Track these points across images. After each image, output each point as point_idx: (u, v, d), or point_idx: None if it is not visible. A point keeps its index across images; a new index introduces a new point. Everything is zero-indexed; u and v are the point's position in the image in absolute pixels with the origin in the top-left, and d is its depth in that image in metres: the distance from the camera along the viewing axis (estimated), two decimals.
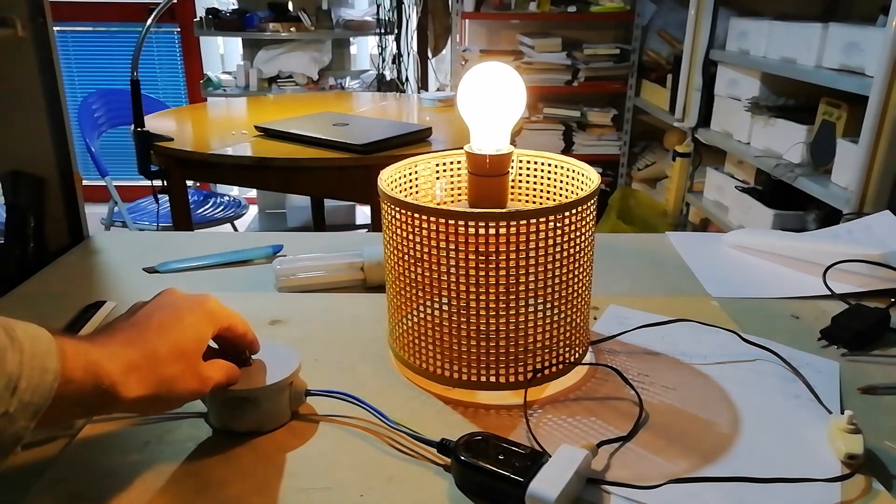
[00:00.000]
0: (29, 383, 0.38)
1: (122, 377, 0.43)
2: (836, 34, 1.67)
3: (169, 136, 1.52)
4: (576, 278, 0.58)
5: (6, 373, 0.37)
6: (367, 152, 1.42)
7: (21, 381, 0.37)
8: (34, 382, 0.38)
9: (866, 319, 0.70)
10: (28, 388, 0.38)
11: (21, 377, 0.37)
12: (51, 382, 0.39)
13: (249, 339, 0.54)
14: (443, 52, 3.07)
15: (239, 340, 0.54)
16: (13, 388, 0.37)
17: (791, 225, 1.88)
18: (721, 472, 0.50)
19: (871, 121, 1.46)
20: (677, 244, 0.95)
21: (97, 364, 0.42)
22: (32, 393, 0.38)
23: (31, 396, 0.38)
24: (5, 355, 0.37)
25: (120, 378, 0.43)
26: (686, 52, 2.38)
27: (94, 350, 0.43)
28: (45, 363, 0.39)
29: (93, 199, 2.31)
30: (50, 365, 0.39)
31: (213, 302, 0.52)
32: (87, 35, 3.49)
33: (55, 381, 0.39)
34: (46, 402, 0.38)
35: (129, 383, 0.43)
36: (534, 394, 0.59)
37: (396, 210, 0.57)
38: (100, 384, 0.42)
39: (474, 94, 0.60)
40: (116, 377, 0.43)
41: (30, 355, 0.38)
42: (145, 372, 0.45)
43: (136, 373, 0.44)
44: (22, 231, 0.86)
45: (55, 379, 0.39)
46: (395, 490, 0.49)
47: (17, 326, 0.39)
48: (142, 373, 0.44)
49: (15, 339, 0.38)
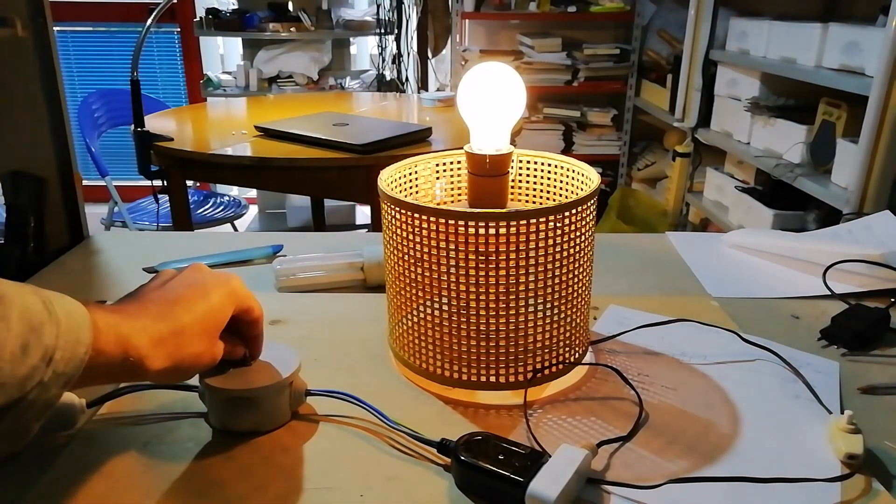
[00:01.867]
0: (63, 355, 0.40)
1: (150, 351, 0.45)
2: (836, 34, 1.67)
3: (169, 136, 1.52)
4: (576, 278, 0.58)
5: (43, 344, 0.39)
6: (367, 152, 1.42)
7: (56, 352, 0.40)
8: (68, 354, 0.40)
9: (866, 319, 0.70)
10: (62, 360, 0.40)
11: (56, 349, 0.40)
12: (83, 354, 0.41)
13: (258, 328, 0.55)
14: (443, 52, 3.07)
15: (250, 325, 0.55)
16: (49, 359, 0.39)
17: (791, 225, 1.88)
18: (721, 472, 0.50)
19: (871, 121, 1.46)
20: (677, 244, 0.95)
21: (127, 338, 0.44)
22: (66, 364, 0.40)
23: (65, 367, 0.40)
24: (43, 328, 0.39)
25: (148, 352, 0.45)
26: (686, 52, 2.38)
27: (125, 323, 0.45)
28: (80, 336, 0.41)
29: (93, 199, 2.32)
30: (83, 338, 0.41)
31: (237, 281, 0.54)
32: (87, 35, 3.49)
33: (87, 353, 0.41)
34: (78, 372, 0.41)
35: (156, 356, 0.46)
36: (534, 394, 0.59)
37: (396, 210, 0.57)
38: (128, 356, 0.44)
39: (474, 94, 0.60)
40: (144, 351, 0.45)
41: (66, 328, 0.40)
42: (171, 347, 0.47)
43: (162, 347, 0.46)
44: (22, 231, 0.86)
45: (87, 351, 0.41)
46: (395, 490, 0.49)
47: (55, 300, 0.41)
48: (168, 348, 0.47)
49: (52, 313, 0.40)
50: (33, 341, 0.39)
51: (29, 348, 0.38)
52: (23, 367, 0.38)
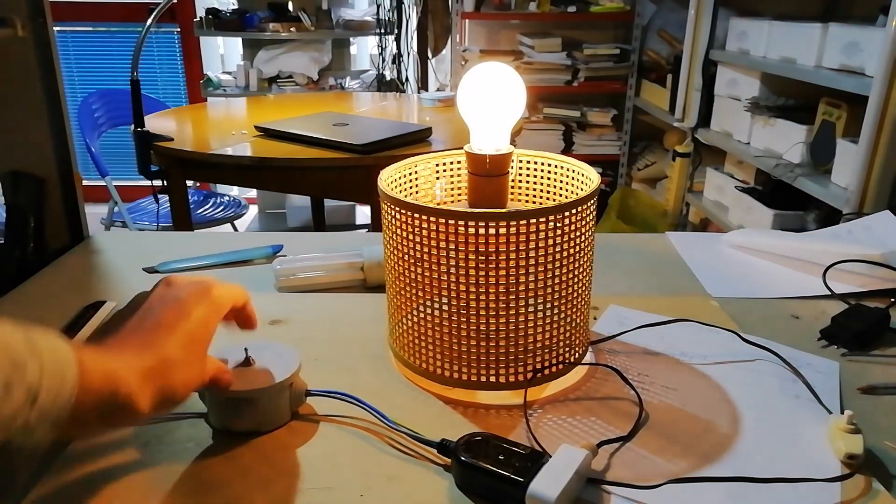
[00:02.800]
0: (48, 394, 0.37)
1: (139, 388, 0.43)
2: (836, 34, 1.67)
3: (169, 136, 1.52)
4: (576, 278, 0.58)
5: (26, 383, 0.37)
6: (367, 152, 1.42)
7: (41, 391, 0.37)
8: (53, 393, 0.38)
9: (866, 319, 0.70)
10: (48, 399, 0.37)
11: (41, 388, 0.37)
12: (69, 391, 0.39)
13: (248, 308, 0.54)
14: (443, 52, 3.07)
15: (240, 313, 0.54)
16: (33, 398, 0.37)
17: (791, 225, 1.88)
18: (721, 472, 0.50)
19: (871, 121, 1.46)
20: (677, 244, 0.95)
21: (115, 375, 0.42)
22: (52, 403, 0.38)
23: (51, 407, 0.38)
24: (26, 366, 0.37)
25: (137, 389, 0.43)
26: (686, 52, 2.38)
27: (110, 360, 0.43)
28: (65, 373, 0.39)
29: (93, 199, 2.32)
30: (69, 374, 0.39)
31: (216, 289, 0.51)
32: (87, 35, 3.49)
33: (73, 391, 0.39)
34: (64, 411, 0.38)
35: (145, 392, 0.44)
36: (534, 394, 0.59)
37: (396, 210, 0.57)
38: (116, 394, 0.42)
39: (474, 94, 0.60)
40: (133, 387, 0.43)
41: (50, 365, 0.38)
42: (159, 380, 0.45)
43: (151, 382, 0.44)
44: (22, 231, 0.86)
45: (73, 388, 0.39)
46: (395, 490, 0.49)
47: (37, 336, 0.39)
48: (156, 381, 0.44)
49: (35, 349, 0.38)
50: (16, 380, 0.36)
51: (11, 387, 0.36)
52: (5, 407, 0.35)
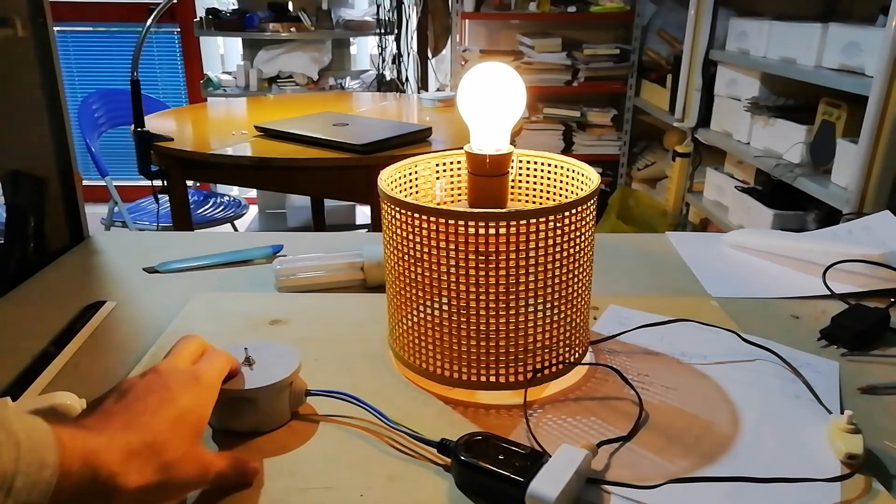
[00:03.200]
0: (26, 481, 0.34)
1: (121, 466, 0.40)
2: (836, 34, 1.67)
3: (169, 136, 1.52)
4: (576, 278, 0.58)
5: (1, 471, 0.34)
6: (367, 152, 1.42)
7: (17, 479, 0.34)
8: (31, 479, 0.35)
9: (866, 319, 0.70)
10: (25, 487, 0.34)
11: (17, 475, 0.34)
12: (48, 478, 0.35)
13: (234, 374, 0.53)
14: (443, 52, 3.07)
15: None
16: (8, 487, 0.34)
17: (791, 225, 1.88)
18: (721, 472, 0.50)
19: (871, 121, 1.46)
20: (677, 244, 0.95)
21: (95, 454, 0.39)
22: (29, 492, 0.35)
23: (28, 495, 0.35)
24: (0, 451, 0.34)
25: (119, 468, 0.39)
26: (686, 52, 2.38)
27: (91, 438, 0.39)
28: (44, 457, 0.36)
29: (93, 199, 2.32)
30: (48, 459, 0.36)
31: (205, 375, 0.48)
32: (87, 35, 3.49)
33: (53, 476, 0.36)
34: (44, 499, 0.35)
35: (129, 473, 0.40)
36: (534, 394, 0.59)
37: (396, 210, 0.57)
38: (97, 475, 0.38)
39: (474, 94, 0.60)
40: (115, 467, 0.39)
41: (27, 450, 0.35)
42: (145, 458, 0.41)
43: (135, 460, 0.40)
44: (22, 231, 0.86)
45: (53, 474, 0.36)
46: (395, 490, 0.49)
47: (13, 419, 0.36)
48: (141, 459, 0.41)
49: (11, 433, 0.35)
50: None
51: None
52: None
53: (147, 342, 0.68)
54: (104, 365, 0.65)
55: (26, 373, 0.62)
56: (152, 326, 0.72)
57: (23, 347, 0.67)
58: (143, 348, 0.67)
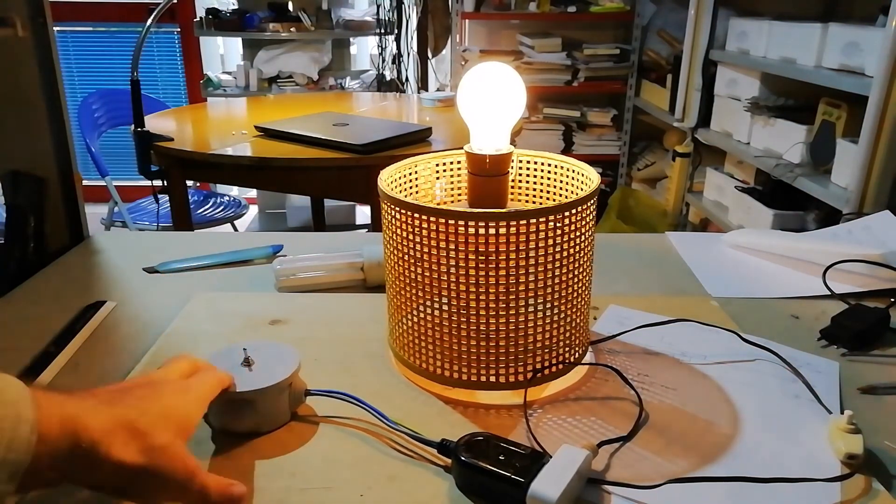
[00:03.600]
0: (2, 437, 0.32)
1: (105, 436, 0.36)
2: (836, 34, 1.67)
3: (169, 136, 1.52)
4: (576, 278, 0.58)
5: None
6: (367, 152, 1.42)
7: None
8: (7, 436, 0.32)
9: (866, 319, 0.70)
10: (1, 444, 0.31)
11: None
12: (28, 434, 0.32)
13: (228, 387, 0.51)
14: (443, 52, 3.07)
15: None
16: None
17: (791, 225, 1.88)
18: (721, 472, 0.50)
19: (871, 121, 1.46)
20: (677, 244, 0.95)
21: (76, 419, 0.35)
22: (7, 448, 0.32)
23: (6, 452, 0.32)
24: None
25: (102, 437, 0.35)
26: (686, 52, 2.38)
27: (70, 403, 0.36)
28: (19, 411, 0.32)
29: (93, 199, 2.31)
30: (24, 413, 0.33)
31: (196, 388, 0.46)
32: (87, 35, 3.49)
33: (33, 433, 0.32)
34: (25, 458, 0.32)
35: (113, 444, 0.36)
36: (534, 394, 0.59)
37: (396, 210, 0.57)
38: (78, 443, 0.35)
39: (474, 94, 0.60)
40: (97, 435, 0.35)
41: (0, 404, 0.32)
42: (129, 435, 0.37)
43: (119, 433, 0.37)
44: (22, 231, 0.86)
45: (32, 431, 0.32)
46: (395, 490, 0.49)
47: None
48: (126, 434, 0.37)
49: None
50: None
51: None
52: None
53: (147, 342, 0.68)
54: (104, 365, 0.65)
55: (26, 373, 0.62)
56: (152, 326, 0.72)
57: (23, 347, 0.67)
58: (143, 348, 0.67)
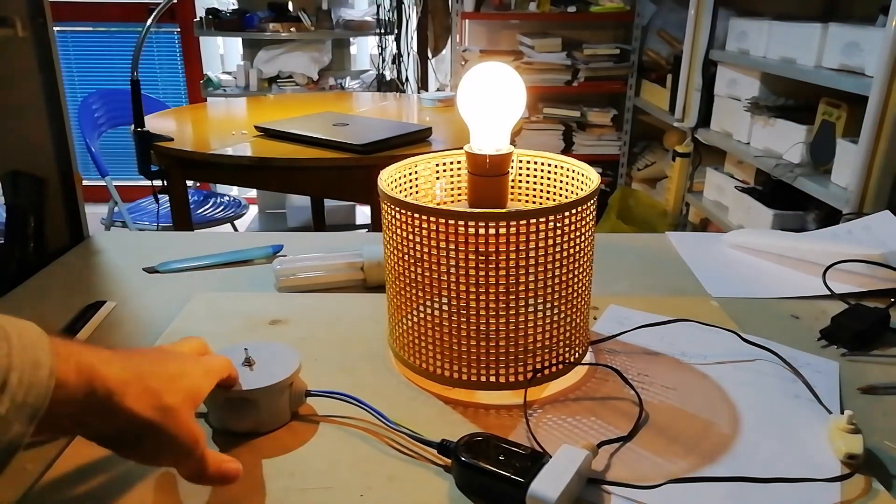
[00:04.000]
0: (21, 378, 0.32)
1: (120, 385, 0.37)
2: (836, 34, 1.67)
3: (169, 136, 1.52)
4: (576, 278, 0.58)
5: None
6: (367, 152, 1.42)
7: (11, 375, 0.31)
8: (27, 379, 0.32)
9: (866, 319, 0.70)
10: (21, 385, 0.32)
11: (11, 370, 0.31)
12: (46, 380, 0.33)
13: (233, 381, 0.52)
14: (443, 52, 3.07)
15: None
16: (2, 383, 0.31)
17: (791, 225, 1.88)
18: (721, 472, 0.50)
19: (871, 121, 1.46)
20: (677, 244, 0.95)
21: (92, 367, 0.36)
22: (27, 391, 0.32)
23: (26, 396, 0.32)
24: None
25: (117, 386, 0.36)
26: (686, 52, 2.38)
27: (86, 353, 0.36)
28: (38, 357, 0.33)
29: (93, 199, 2.31)
30: (43, 358, 0.33)
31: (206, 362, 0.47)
32: (87, 35, 3.49)
33: (51, 378, 0.33)
34: (44, 402, 0.33)
35: (127, 395, 0.37)
36: (534, 394, 0.59)
37: (396, 210, 0.57)
38: (94, 391, 0.35)
39: (474, 94, 0.60)
40: (113, 384, 0.36)
41: (19, 348, 0.32)
42: (142, 390, 0.38)
43: (134, 384, 0.38)
44: (22, 231, 0.86)
45: (50, 376, 0.33)
46: (395, 490, 0.49)
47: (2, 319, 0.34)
48: (140, 387, 0.38)
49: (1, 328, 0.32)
50: None
51: None
52: None
53: (147, 342, 0.68)
54: None
55: None
56: (152, 326, 0.72)
57: None
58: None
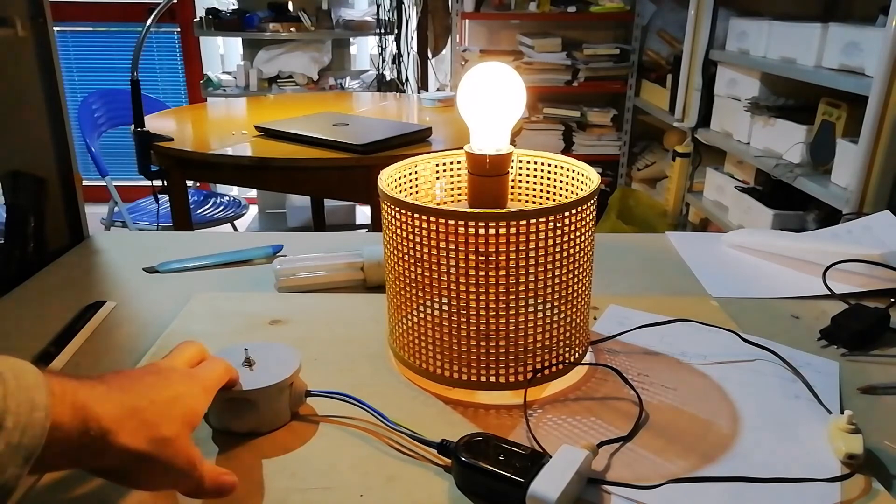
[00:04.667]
0: (17, 421, 0.32)
1: (114, 424, 0.37)
2: (836, 34, 1.67)
3: (169, 137, 1.52)
4: (576, 278, 0.58)
5: None
6: (367, 152, 1.42)
7: (7, 418, 0.31)
8: (23, 420, 0.32)
9: (866, 319, 0.70)
10: (17, 427, 0.32)
11: (7, 413, 0.31)
12: (42, 420, 0.33)
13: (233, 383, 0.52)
14: (443, 52, 3.07)
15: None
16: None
17: (791, 225, 1.88)
18: (721, 472, 0.50)
19: (871, 121, 1.46)
20: (677, 244, 0.95)
21: (87, 406, 0.36)
22: (22, 433, 0.32)
23: (21, 437, 0.32)
24: None
25: (112, 425, 0.37)
26: (686, 52, 2.38)
27: (82, 390, 0.37)
28: (34, 398, 0.33)
29: (93, 199, 2.31)
30: (39, 400, 0.33)
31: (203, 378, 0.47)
32: (87, 35, 3.49)
33: (47, 419, 0.33)
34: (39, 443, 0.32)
35: (122, 432, 0.37)
36: (534, 394, 0.59)
37: (396, 210, 0.57)
38: (88, 430, 0.36)
39: (474, 94, 0.60)
40: (107, 423, 0.37)
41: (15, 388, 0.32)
42: (138, 423, 0.38)
43: (128, 421, 0.38)
44: (22, 231, 0.86)
45: (46, 417, 0.33)
46: (395, 490, 0.49)
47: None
48: (135, 423, 0.38)
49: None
50: None
51: None
52: None
53: (147, 342, 0.68)
54: (104, 365, 0.65)
55: None
56: (152, 326, 0.72)
57: (23, 347, 0.67)
58: (143, 348, 0.67)
